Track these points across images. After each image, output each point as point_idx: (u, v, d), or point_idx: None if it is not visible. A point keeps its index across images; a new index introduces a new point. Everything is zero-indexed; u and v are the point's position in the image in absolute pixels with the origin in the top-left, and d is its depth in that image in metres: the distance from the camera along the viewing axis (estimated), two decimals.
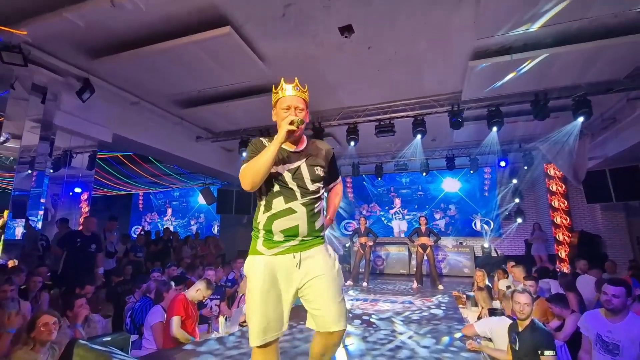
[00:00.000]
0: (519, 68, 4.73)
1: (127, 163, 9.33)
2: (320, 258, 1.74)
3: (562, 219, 8.45)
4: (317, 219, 1.78)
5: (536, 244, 8.71)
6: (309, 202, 1.74)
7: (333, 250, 1.87)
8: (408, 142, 7.98)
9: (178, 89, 5.66)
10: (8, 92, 4.74)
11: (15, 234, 5.55)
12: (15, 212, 5.30)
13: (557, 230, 8.48)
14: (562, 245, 8.35)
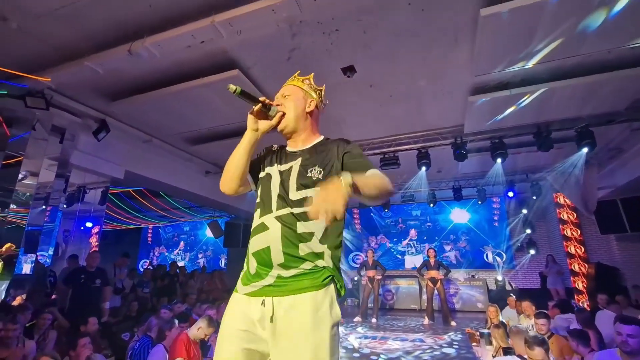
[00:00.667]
0: (518, 102, 4.84)
1: (138, 197, 9.52)
2: (302, 319, 1.14)
3: (577, 249, 8.19)
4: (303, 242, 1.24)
5: (552, 277, 8.40)
6: (286, 217, 1.28)
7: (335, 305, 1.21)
8: (414, 174, 8.03)
9: (188, 127, 5.89)
10: (29, 133, 5.00)
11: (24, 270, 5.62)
12: (27, 247, 5.39)
13: (571, 261, 8.20)
14: (578, 277, 8.03)
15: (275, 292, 1.22)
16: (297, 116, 1.44)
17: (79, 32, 3.72)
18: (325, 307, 1.18)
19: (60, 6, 3.26)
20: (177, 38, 3.56)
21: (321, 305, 1.18)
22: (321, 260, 1.25)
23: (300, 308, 1.17)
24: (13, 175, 5.15)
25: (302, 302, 1.17)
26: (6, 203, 4.91)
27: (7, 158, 5.43)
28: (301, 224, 1.26)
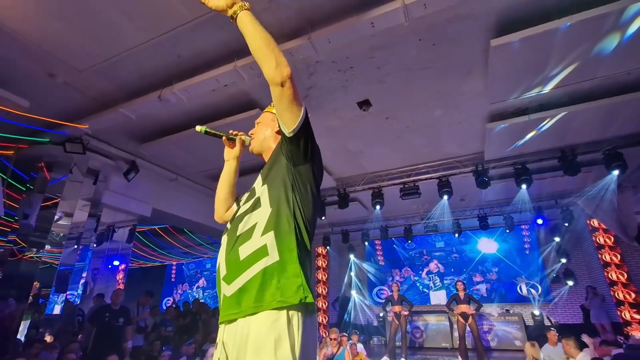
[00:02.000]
0: (538, 127, 4.79)
1: (163, 235, 9.75)
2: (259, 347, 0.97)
3: (618, 275, 7.56)
4: (243, 243, 1.13)
5: (595, 310, 7.75)
6: (231, 228, 1.22)
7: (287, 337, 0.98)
8: (435, 203, 7.89)
9: (212, 165, 6.12)
10: (67, 175, 5.34)
11: (55, 309, 5.76)
12: (58, 287, 5.55)
13: (614, 289, 7.55)
14: (624, 306, 7.34)
15: (225, 316, 1.10)
16: (261, 139, 1.46)
17: (114, 83, 4.07)
18: (268, 344, 0.96)
19: (100, 61, 3.61)
20: (203, 83, 3.83)
21: (265, 338, 0.97)
22: (266, 257, 1.08)
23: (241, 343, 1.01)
24: (49, 217, 5.43)
25: (243, 334, 1.02)
26: (42, 243, 5.14)
27: (45, 200, 5.78)
28: (241, 225, 1.18)
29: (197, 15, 3.07)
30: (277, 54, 1.11)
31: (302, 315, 1.03)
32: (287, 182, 1.21)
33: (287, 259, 1.09)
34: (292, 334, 0.99)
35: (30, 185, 5.45)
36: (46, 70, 3.79)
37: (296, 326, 1.00)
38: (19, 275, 4.81)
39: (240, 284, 1.09)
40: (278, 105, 1.15)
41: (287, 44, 3.41)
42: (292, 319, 1.01)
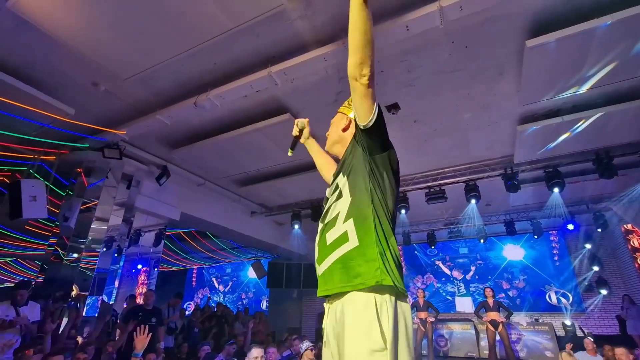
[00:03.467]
0: (572, 129, 4.68)
1: (187, 239, 9.96)
2: (343, 323, 1.07)
3: None
4: (330, 229, 1.23)
5: (632, 321, 7.38)
6: (325, 211, 1.33)
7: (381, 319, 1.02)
8: (460, 208, 7.76)
9: (239, 169, 6.26)
10: (103, 180, 5.57)
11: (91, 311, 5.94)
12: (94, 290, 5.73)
13: None
14: None
15: (319, 293, 1.24)
16: (335, 138, 1.54)
17: (152, 90, 4.25)
18: (362, 322, 1.01)
19: (142, 70, 3.78)
20: (237, 89, 3.95)
21: (360, 317, 1.03)
22: (347, 243, 1.15)
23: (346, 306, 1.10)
24: (87, 221, 5.64)
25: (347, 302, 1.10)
26: (80, 248, 5.34)
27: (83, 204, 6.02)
28: (329, 214, 1.30)
29: (238, 23, 3.19)
30: (367, 51, 1.17)
31: (389, 299, 1.07)
32: (364, 171, 1.27)
33: (366, 244, 1.14)
34: (382, 318, 1.03)
35: (69, 191, 5.70)
36: (91, 79, 4.00)
37: (385, 311, 1.04)
38: (60, 279, 4.99)
39: (326, 266, 1.21)
40: (354, 97, 1.24)
41: (321, 50, 3.49)
42: (381, 304, 1.05)
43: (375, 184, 1.24)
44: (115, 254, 7.27)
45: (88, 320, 5.73)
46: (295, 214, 7.67)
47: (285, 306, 11.13)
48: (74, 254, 5.21)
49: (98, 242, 5.60)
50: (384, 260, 1.11)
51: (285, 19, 3.30)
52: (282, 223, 9.24)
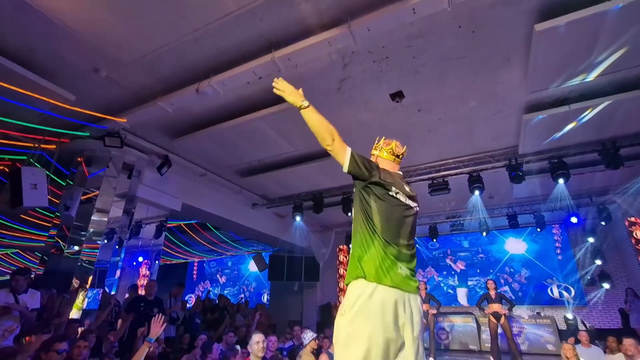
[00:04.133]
0: (579, 118, 4.61)
1: (188, 231, 9.94)
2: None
3: None
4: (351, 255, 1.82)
5: (636, 314, 7.36)
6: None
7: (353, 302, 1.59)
8: (463, 201, 7.71)
9: (241, 159, 6.20)
10: (104, 169, 5.52)
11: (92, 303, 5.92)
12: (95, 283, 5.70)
13: None
14: None
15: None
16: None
17: (154, 76, 4.19)
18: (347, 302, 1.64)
19: (144, 55, 3.72)
20: (239, 75, 3.88)
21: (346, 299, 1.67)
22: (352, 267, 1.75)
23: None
24: (87, 212, 5.60)
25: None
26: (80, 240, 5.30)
27: (84, 194, 5.99)
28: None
29: (241, 5, 3.13)
30: (322, 134, 1.83)
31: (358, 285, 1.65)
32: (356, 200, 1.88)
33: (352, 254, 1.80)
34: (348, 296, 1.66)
35: (69, 181, 5.65)
36: (91, 64, 3.93)
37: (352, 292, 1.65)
38: (61, 271, 4.95)
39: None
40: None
41: (326, 34, 3.42)
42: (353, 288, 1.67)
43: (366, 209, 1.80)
44: (116, 245, 7.25)
45: (89, 312, 5.71)
46: (296, 206, 7.63)
47: (286, 299, 11.13)
48: (74, 246, 5.17)
49: (99, 234, 5.56)
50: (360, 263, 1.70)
51: (290, 2, 3.23)
52: (283, 215, 9.21)
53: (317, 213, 7.23)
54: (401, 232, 1.75)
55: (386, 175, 1.81)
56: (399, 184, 1.86)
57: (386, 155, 2.10)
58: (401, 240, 1.74)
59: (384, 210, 1.74)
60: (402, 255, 1.70)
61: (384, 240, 1.68)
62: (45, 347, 3.17)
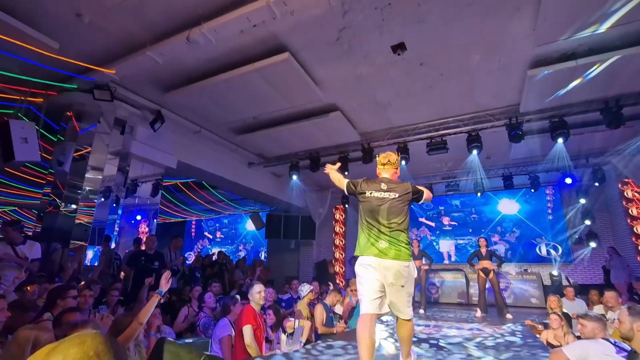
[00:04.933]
0: (585, 74, 4.47)
1: (185, 190, 9.96)
2: None
3: None
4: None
5: (615, 270, 7.72)
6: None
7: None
8: (460, 161, 7.69)
9: (236, 116, 6.05)
10: (95, 125, 5.37)
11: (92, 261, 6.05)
12: (93, 240, 5.76)
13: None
14: None
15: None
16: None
17: (141, 22, 3.93)
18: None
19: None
20: (232, 22, 3.65)
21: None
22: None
23: None
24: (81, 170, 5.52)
25: None
26: (76, 198, 5.26)
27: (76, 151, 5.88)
28: None
29: None
30: (341, 183, 2.77)
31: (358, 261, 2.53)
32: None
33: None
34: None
35: (60, 136, 5.52)
36: (74, 9, 3.66)
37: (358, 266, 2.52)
38: (57, 230, 4.97)
39: None
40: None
41: None
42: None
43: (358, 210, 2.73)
44: (114, 204, 7.27)
45: (91, 269, 5.84)
46: (293, 165, 7.59)
47: (283, 256, 11.48)
48: (71, 205, 5.16)
49: (95, 193, 5.53)
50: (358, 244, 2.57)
51: None
52: (280, 175, 9.19)
53: (314, 171, 7.21)
54: (379, 217, 2.51)
55: (364, 186, 2.65)
56: (375, 186, 2.62)
57: (378, 167, 2.86)
58: (381, 222, 2.50)
59: (365, 207, 2.60)
60: (382, 234, 2.47)
61: (367, 225, 2.55)
62: (59, 293, 3.26)
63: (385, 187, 2.59)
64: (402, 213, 2.53)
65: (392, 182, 2.66)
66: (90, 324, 1.86)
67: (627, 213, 7.76)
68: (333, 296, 4.95)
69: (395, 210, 2.51)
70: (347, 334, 4.41)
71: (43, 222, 5.10)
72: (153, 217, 8.77)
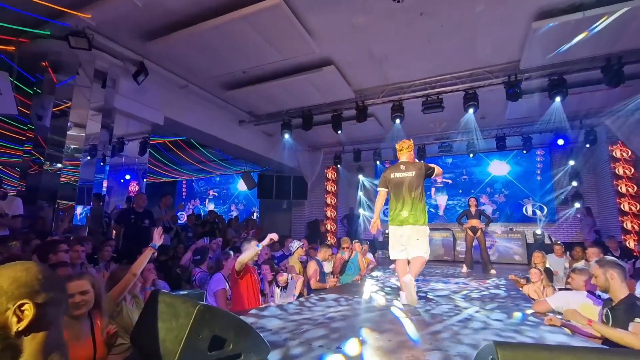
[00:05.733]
0: (591, 27, 4.28)
1: (174, 149, 9.73)
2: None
3: (631, 206, 7.66)
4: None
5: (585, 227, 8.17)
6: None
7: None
8: (455, 121, 7.59)
9: (225, 69, 5.74)
10: (74, 77, 5.03)
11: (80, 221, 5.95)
12: (80, 201, 5.64)
13: (624, 218, 7.70)
14: (630, 235, 7.59)
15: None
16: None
17: None
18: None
19: None
20: None
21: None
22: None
23: None
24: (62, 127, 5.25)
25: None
26: (58, 157, 5.05)
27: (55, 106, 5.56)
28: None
29: None
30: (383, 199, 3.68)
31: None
32: None
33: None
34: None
35: (37, 89, 5.18)
36: None
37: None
38: (43, 189, 4.82)
39: None
40: None
41: None
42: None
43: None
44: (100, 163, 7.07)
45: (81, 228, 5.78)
46: (285, 123, 7.39)
47: (275, 216, 11.59)
48: (56, 164, 4.98)
49: (79, 151, 5.32)
50: (389, 215, 3.52)
51: None
52: (271, 134, 8.99)
53: (307, 130, 7.05)
54: (402, 192, 3.38)
55: (387, 172, 3.54)
56: (396, 169, 3.48)
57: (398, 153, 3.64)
58: (403, 196, 3.37)
59: (391, 186, 3.48)
60: (404, 205, 3.36)
61: (395, 199, 3.45)
62: (51, 248, 3.23)
63: (403, 168, 3.44)
64: (419, 187, 3.37)
65: (409, 163, 3.48)
66: (87, 276, 1.83)
67: (613, 174, 7.91)
68: (324, 252, 5.04)
69: (412, 186, 3.35)
70: (339, 288, 4.55)
71: (27, 181, 4.95)
72: (142, 176, 8.62)
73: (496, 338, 2.26)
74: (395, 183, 3.41)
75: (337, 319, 2.73)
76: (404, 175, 3.38)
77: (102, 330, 1.82)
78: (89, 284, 1.79)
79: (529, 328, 2.50)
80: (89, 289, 1.77)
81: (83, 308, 1.74)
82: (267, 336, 2.17)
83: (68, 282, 1.73)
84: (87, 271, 2.33)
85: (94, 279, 1.85)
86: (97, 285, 1.83)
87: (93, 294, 1.80)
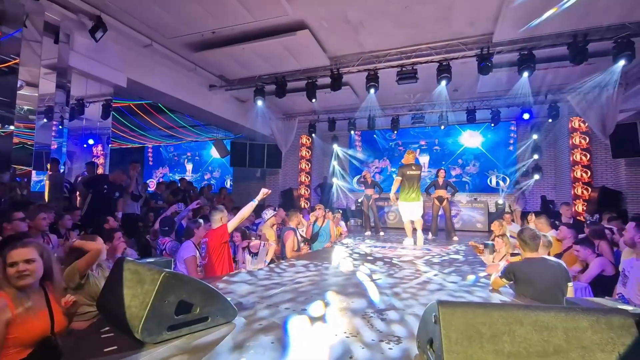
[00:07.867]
0: (561, 3, 4.34)
1: (141, 113, 9.24)
2: None
3: (583, 173, 8.23)
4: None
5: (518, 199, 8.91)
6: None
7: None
8: (428, 93, 7.67)
9: (192, 28, 5.39)
10: (20, 30, 4.54)
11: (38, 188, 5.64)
12: (37, 166, 5.30)
13: (575, 185, 8.31)
14: (578, 200, 8.22)
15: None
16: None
17: None
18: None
19: None
20: None
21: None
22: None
23: None
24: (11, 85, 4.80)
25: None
26: (9, 118, 4.65)
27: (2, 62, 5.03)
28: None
29: None
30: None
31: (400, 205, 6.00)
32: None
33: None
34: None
35: None
36: None
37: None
38: None
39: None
40: None
41: None
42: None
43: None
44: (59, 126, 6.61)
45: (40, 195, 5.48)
46: (258, 89, 7.16)
47: (249, 185, 11.51)
48: (9, 126, 4.59)
49: (33, 113, 4.93)
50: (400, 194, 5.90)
51: None
52: (244, 100, 8.72)
53: (280, 97, 6.88)
54: (413, 183, 5.71)
55: (405, 169, 5.78)
56: (409, 168, 5.77)
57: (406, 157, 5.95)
58: (413, 184, 5.70)
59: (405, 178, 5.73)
60: (412, 190, 5.70)
61: (408, 185, 5.72)
62: (4, 217, 3.06)
63: (414, 168, 5.78)
64: (419, 180, 5.76)
65: (415, 165, 5.87)
66: (33, 244, 1.73)
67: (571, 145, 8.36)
68: (295, 218, 5.04)
69: (418, 179, 5.75)
70: (309, 254, 4.69)
71: None
72: (107, 141, 8.18)
73: (449, 298, 2.46)
74: (409, 177, 5.68)
75: (305, 283, 2.85)
76: (414, 172, 5.73)
77: (58, 300, 1.76)
78: (36, 252, 1.67)
79: (479, 289, 2.73)
80: (35, 257, 1.65)
81: (28, 278, 1.62)
82: (236, 300, 2.24)
83: (10, 250, 1.63)
84: (35, 240, 2.20)
85: (42, 248, 1.74)
86: (45, 255, 1.72)
87: (42, 263, 1.68)
